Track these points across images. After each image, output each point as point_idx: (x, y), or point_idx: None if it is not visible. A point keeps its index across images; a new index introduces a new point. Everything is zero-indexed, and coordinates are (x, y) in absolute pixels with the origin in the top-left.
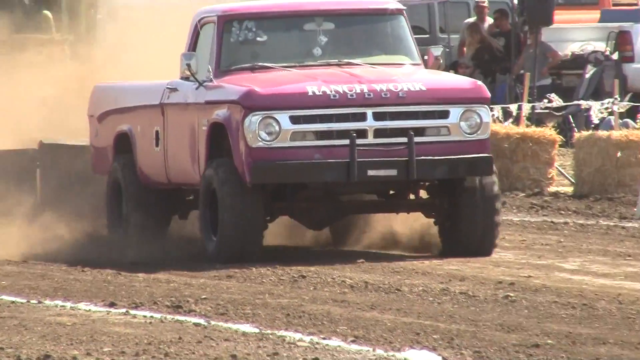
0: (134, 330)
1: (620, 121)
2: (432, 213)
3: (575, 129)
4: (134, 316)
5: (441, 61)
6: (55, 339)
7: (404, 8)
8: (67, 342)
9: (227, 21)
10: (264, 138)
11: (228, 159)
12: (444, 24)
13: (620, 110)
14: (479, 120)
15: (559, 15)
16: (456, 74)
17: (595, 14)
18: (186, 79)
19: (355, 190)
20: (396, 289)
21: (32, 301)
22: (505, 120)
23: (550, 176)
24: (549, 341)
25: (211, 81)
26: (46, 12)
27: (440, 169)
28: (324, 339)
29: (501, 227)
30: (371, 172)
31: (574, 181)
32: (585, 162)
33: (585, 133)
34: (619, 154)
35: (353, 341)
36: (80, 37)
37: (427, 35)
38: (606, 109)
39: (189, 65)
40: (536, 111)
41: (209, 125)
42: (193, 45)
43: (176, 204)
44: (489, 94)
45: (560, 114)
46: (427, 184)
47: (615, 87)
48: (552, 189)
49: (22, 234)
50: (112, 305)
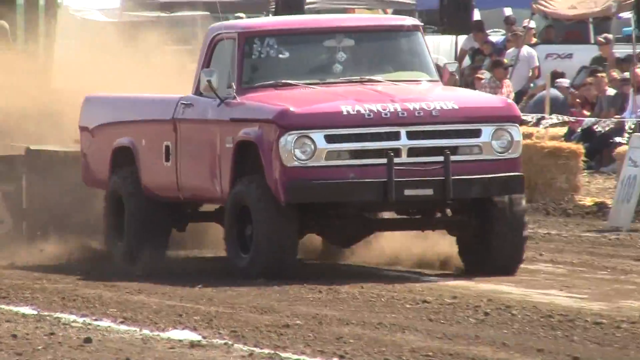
0: None
1: None
2: (458, 231)
3: None
4: None
5: (457, 77)
6: None
7: (421, 24)
8: None
9: (248, 38)
10: (299, 157)
11: (259, 177)
12: None
13: None
14: (510, 139)
15: None
16: None
17: None
18: (200, 94)
19: (389, 209)
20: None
21: None
22: None
23: None
24: (298, 322)
25: (234, 98)
26: (2, 22)
27: (475, 188)
28: (95, 320)
29: None
30: (408, 192)
31: None
32: None
33: None
34: None
35: (122, 322)
36: (38, 48)
37: None
38: None
39: (209, 82)
40: None
41: (235, 143)
42: (207, 61)
43: (176, 217)
44: (519, 113)
45: None
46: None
47: None
48: None
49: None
50: None
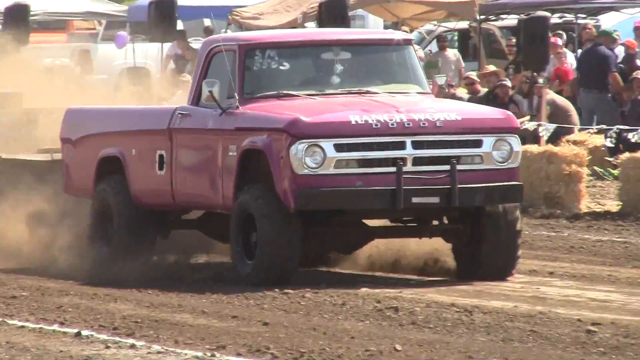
0: None
1: None
2: (453, 238)
3: None
4: None
5: (446, 90)
6: None
7: (412, 38)
8: None
9: (248, 50)
10: (309, 165)
11: (264, 185)
12: None
13: None
14: (509, 150)
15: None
16: None
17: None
18: (197, 104)
19: (396, 217)
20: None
21: None
22: None
23: None
24: (24, 293)
25: (237, 108)
26: None
27: (479, 196)
28: None
29: None
30: (415, 200)
31: None
32: None
33: None
34: None
35: None
36: None
37: None
38: None
39: (211, 92)
40: None
41: (239, 151)
42: (204, 73)
43: (161, 224)
44: (518, 124)
45: None
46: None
47: None
48: None
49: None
50: None
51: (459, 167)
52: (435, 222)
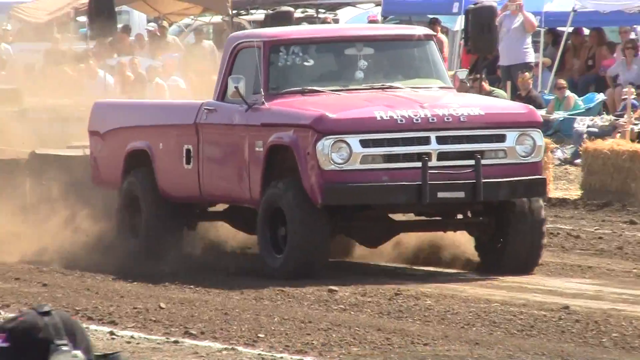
0: None
1: None
2: (478, 232)
3: None
4: None
5: (468, 85)
6: None
7: (434, 34)
8: None
9: (273, 46)
10: (335, 161)
11: (293, 180)
12: None
13: None
14: (532, 144)
15: None
16: None
17: None
18: (222, 100)
19: (422, 211)
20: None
21: None
22: None
23: None
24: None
25: (262, 104)
26: None
27: (503, 190)
28: None
29: None
30: (441, 194)
31: None
32: None
33: None
34: None
35: None
36: None
37: None
38: None
39: (237, 88)
40: None
41: (266, 147)
42: (229, 69)
43: (188, 216)
44: (541, 119)
45: None
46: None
47: None
48: None
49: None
50: None
51: (483, 162)
52: (460, 216)
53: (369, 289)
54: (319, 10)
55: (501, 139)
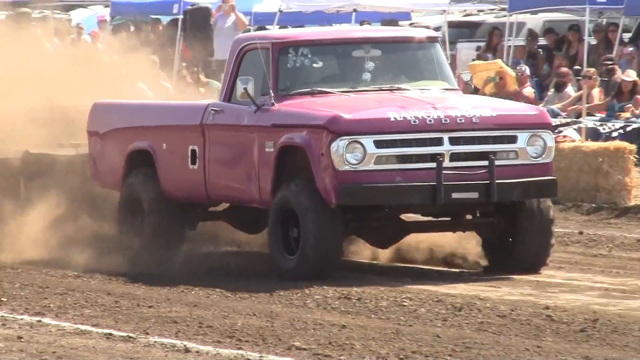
0: None
1: None
2: (486, 232)
3: None
4: None
5: (472, 86)
6: None
7: (440, 36)
8: None
9: (282, 48)
10: (350, 161)
11: (306, 180)
12: None
13: None
14: (543, 145)
15: None
16: None
17: None
18: (229, 101)
19: (437, 212)
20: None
21: None
22: None
23: None
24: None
25: (272, 105)
26: None
27: (516, 191)
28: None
29: None
30: (455, 195)
31: None
32: None
33: None
34: None
35: None
36: None
37: None
38: None
39: (246, 89)
40: None
41: (277, 147)
42: (236, 70)
43: (189, 216)
44: (551, 120)
45: None
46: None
47: None
48: None
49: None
50: None
51: (497, 163)
52: (469, 216)
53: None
54: (55, 11)
55: (512, 140)
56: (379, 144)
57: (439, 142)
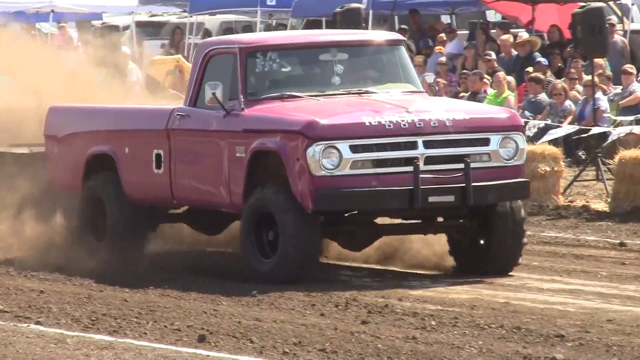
0: None
1: None
2: (458, 234)
3: None
4: None
5: (436, 88)
6: None
7: (404, 39)
8: None
9: (249, 52)
10: (326, 167)
11: (283, 185)
12: None
13: None
14: (515, 147)
15: None
16: None
17: None
18: (193, 105)
19: (413, 216)
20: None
21: None
22: None
23: None
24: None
25: (242, 110)
26: None
27: (491, 194)
28: None
29: None
30: (432, 199)
31: None
32: None
33: None
34: None
35: None
36: None
37: None
38: None
39: (214, 94)
40: None
41: (249, 153)
42: (201, 76)
43: (150, 218)
44: (522, 122)
45: None
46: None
47: None
48: None
49: None
50: None
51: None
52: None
53: None
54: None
55: (485, 142)
56: (354, 149)
57: (413, 145)
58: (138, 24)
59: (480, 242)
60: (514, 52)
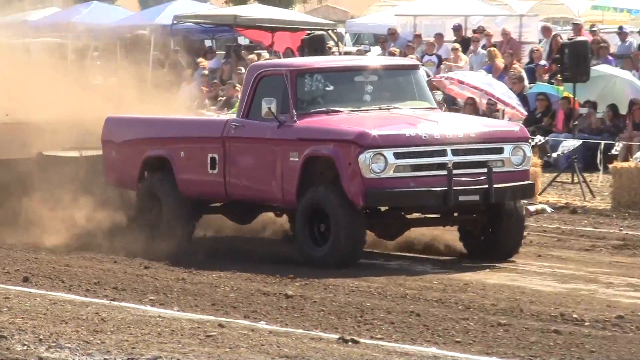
0: None
1: None
2: (470, 227)
3: None
4: None
5: (445, 105)
6: None
7: (420, 63)
8: None
9: (299, 74)
10: (374, 170)
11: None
12: None
13: None
14: (524, 155)
15: None
16: None
17: None
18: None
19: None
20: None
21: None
22: None
23: None
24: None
25: (295, 122)
26: None
27: (508, 193)
28: None
29: None
30: (461, 198)
31: None
32: None
33: None
34: None
35: None
36: None
37: None
38: None
39: (270, 109)
40: None
41: (303, 158)
42: (252, 93)
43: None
44: (528, 134)
45: None
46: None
47: None
48: None
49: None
50: None
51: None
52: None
53: None
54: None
55: (500, 151)
56: (397, 156)
57: (443, 153)
58: None
59: (488, 233)
60: None
